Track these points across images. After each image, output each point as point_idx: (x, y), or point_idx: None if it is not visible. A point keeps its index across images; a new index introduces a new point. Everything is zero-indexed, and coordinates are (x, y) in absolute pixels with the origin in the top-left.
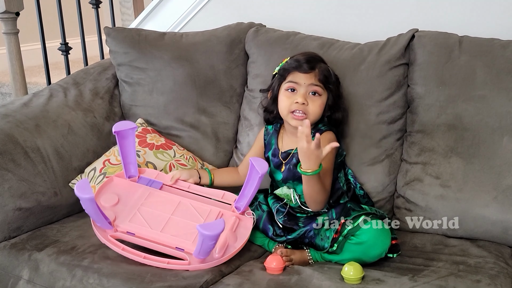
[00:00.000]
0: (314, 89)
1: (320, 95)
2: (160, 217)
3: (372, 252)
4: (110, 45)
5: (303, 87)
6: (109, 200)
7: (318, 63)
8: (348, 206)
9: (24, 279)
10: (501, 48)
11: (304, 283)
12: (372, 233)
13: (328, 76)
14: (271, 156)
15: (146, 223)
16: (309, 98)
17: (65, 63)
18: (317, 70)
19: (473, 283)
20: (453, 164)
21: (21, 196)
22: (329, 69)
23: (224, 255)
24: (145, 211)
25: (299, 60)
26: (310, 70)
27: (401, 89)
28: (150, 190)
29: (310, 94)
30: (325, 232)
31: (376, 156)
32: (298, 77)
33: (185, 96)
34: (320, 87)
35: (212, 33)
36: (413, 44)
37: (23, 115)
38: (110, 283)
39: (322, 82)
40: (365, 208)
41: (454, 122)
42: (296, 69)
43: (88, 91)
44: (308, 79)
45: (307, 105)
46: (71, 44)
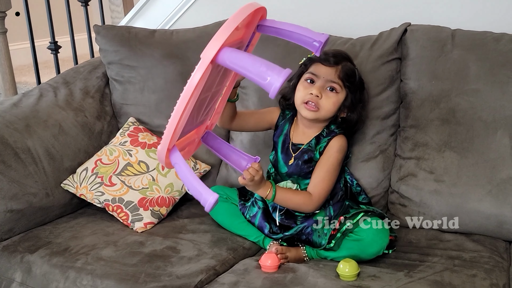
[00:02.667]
0: (332, 85)
1: (337, 92)
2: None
3: (370, 249)
4: (100, 43)
5: (321, 80)
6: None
7: (345, 61)
8: (346, 204)
9: (17, 282)
10: (494, 41)
11: (300, 280)
12: (371, 231)
13: (351, 76)
14: (281, 142)
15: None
16: (324, 92)
17: (54, 62)
18: (340, 67)
19: (469, 278)
20: (447, 158)
21: (12, 198)
22: (355, 70)
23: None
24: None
25: (326, 53)
26: (333, 65)
27: (394, 84)
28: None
29: (327, 89)
30: (322, 229)
31: (370, 152)
32: (319, 69)
33: (176, 94)
34: (338, 84)
35: (203, 30)
36: (405, 38)
37: (13, 116)
38: (104, 284)
39: (342, 80)
40: (362, 207)
41: (448, 117)
42: (320, 61)
43: (79, 90)
44: (329, 74)
45: (320, 98)
46: (60, 43)
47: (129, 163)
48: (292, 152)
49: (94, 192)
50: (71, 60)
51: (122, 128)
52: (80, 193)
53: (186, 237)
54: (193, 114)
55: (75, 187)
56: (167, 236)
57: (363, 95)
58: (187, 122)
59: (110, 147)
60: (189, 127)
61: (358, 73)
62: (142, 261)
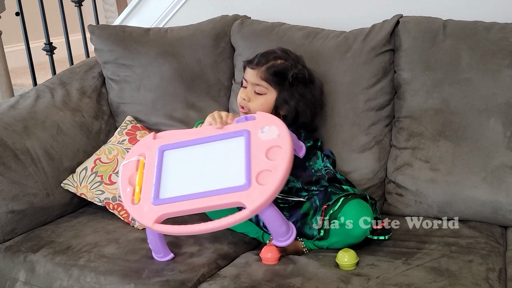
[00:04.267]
0: (256, 88)
1: (263, 93)
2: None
3: (355, 232)
4: (95, 43)
5: (249, 84)
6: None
7: (271, 60)
8: (329, 191)
9: (21, 281)
10: (484, 31)
11: (300, 271)
12: (353, 213)
13: (278, 74)
14: None
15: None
16: (253, 95)
17: (50, 63)
18: (264, 68)
19: (466, 263)
20: (441, 147)
21: (13, 199)
22: (285, 67)
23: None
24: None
25: (255, 55)
26: (256, 67)
27: (387, 75)
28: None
29: (254, 92)
30: (311, 221)
31: (365, 143)
32: (247, 73)
33: (172, 91)
34: (263, 86)
35: (197, 27)
36: (398, 30)
37: (10, 118)
38: (108, 280)
39: (267, 80)
40: (346, 189)
41: (441, 106)
42: (247, 63)
43: (75, 91)
44: (253, 77)
45: (248, 101)
46: (55, 44)
47: None
48: None
49: (94, 191)
50: (66, 61)
51: (120, 127)
52: (80, 192)
53: None
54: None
55: (75, 187)
56: None
57: (307, 89)
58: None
59: (109, 146)
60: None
61: (296, 68)
62: (145, 257)
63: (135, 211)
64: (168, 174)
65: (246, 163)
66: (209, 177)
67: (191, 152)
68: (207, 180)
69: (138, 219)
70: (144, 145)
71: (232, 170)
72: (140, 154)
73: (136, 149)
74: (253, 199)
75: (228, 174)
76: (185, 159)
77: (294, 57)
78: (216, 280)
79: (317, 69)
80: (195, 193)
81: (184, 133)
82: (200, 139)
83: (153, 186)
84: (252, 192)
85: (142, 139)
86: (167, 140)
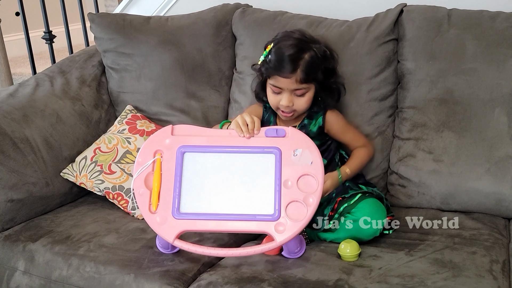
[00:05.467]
0: (298, 92)
1: (305, 94)
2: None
3: (366, 231)
4: (95, 31)
5: (287, 91)
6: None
7: (301, 59)
8: (346, 185)
9: (20, 271)
10: (490, 20)
11: (302, 262)
12: (367, 211)
13: (312, 70)
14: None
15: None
16: (294, 98)
17: (49, 52)
18: (298, 71)
19: (469, 255)
20: (445, 138)
21: (12, 188)
22: (313, 58)
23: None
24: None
25: (280, 60)
26: (291, 74)
27: (391, 65)
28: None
29: (295, 95)
30: (322, 211)
31: (368, 134)
32: (280, 82)
33: (173, 81)
34: (303, 88)
35: (198, 16)
36: (401, 19)
37: (9, 106)
38: (107, 270)
39: (306, 81)
40: (362, 188)
41: (445, 97)
42: (277, 73)
43: (75, 79)
44: (291, 84)
45: (293, 105)
46: (55, 33)
47: (128, 150)
48: None
49: (94, 180)
50: (66, 51)
51: (120, 116)
52: (80, 181)
53: None
54: None
55: (75, 176)
56: None
57: (332, 60)
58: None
59: (109, 135)
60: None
61: (318, 51)
62: (145, 247)
63: (154, 222)
64: (189, 183)
65: (276, 189)
66: (235, 197)
67: (215, 160)
68: (233, 201)
69: (158, 232)
70: (161, 140)
71: (261, 194)
72: (156, 150)
73: (152, 144)
74: (281, 232)
75: (256, 199)
76: (208, 166)
77: (305, 38)
78: (217, 271)
79: None
80: (220, 214)
81: (205, 132)
82: (225, 147)
83: (174, 196)
84: (281, 224)
85: (158, 132)
86: (186, 138)
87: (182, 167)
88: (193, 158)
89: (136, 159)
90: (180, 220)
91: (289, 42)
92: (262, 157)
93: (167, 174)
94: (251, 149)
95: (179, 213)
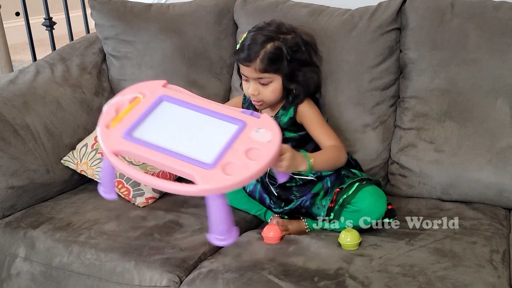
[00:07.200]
0: (260, 81)
1: (268, 83)
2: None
3: (369, 218)
4: (96, 18)
5: (251, 79)
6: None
7: (262, 49)
8: (342, 174)
9: (20, 257)
10: (493, 10)
11: (302, 251)
12: (368, 200)
13: (275, 60)
14: None
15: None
16: (259, 87)
17: (50, 39)
18: (257, 61)
19: (469, 245)
20: (447, 128)
21: (13, 174)
22: (278, 48)
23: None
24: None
25: (242, 49)
26: (250, 63)
27: (393, 54)
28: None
29: (259, 84)
30: (320, 201)
31: (369, 123)
32: (243, 70)
33: (174, 68)
34: (265, 78)
35: (200, 3)
36: (404, 8)
37: (10, 93)
38: (108, 257)
39: (266, 71)
40: (357, 174)
41: (448, 86)
42: (238, 60)
43: (76, 67)
44: (252, 73)
45: (258, 94)
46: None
47: None
48: None
49: (94, 168)
50: (66, 38)
51: None
52: (80, 169)
53: (188, 211)
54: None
55: (76, 163)
56: (169, 210)
57: (305, 53)
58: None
59: None
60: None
61: (287, 42)
62: (145, 234)
63: (103, 134)
64: (153, 120)
65: (224, 148)
66: (184, 141)
67: (185, 114)
68: (181, 143)
69: (100, 142)
70: (151, 87)
71: (208, 147)
72: (141, 92)
73: (141, 87)
74: (207, 181)
75: (201, 148)
76: (177, 116)
77: (276, 29)
78: (218, 259)
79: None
80: (163, 148)
81: (193, 97)
82: (200, 108)
83: (134, 123)
84: (211, 174)
85: (152, 81)
86: (171, 92)
87: (154, 108)
88: (168, 106)
89: (121, 92)
90: (125, 141)
91: (257, 32)
92: (227, 124)
93: (139, 108)
94: (221, 116)
95: (129, 136)
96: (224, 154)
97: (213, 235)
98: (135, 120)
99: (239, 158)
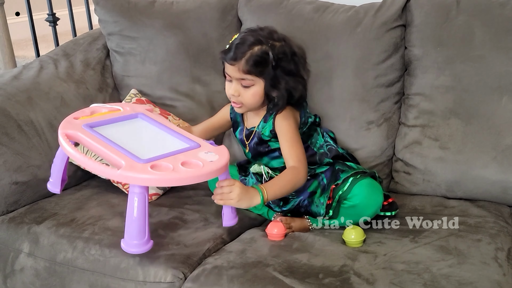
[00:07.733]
0: (242, 82)
1: (250, 86)
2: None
3: (367, 211)
4: (99, 14)
5: (234, 80)
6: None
7: (249, 50)
8: (336, 169)
9: (24, 253)
10: (499, 7)
11: (307, 247)
12: (363, 194)
13: (259, 63)
14: (238, 135)
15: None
16: (241, 89)
17: (53, 34)
18: (242, 61)
19: (474, 242)
20: (452, 125)
21: (17, 170)
22: (264, 52)
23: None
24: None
25: (230, 48)
26: (235, 62)
27: (398, 51)
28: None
29: (241, 86)
30: (318, 199)
31: (374, 120)
32: (227, 69)
33: (178, 65)
34: (247, 79)
35: (204, 0)
36: (410, 5)
37: (14, 88)
38: (112, 253)
39: (250, 73)
40: (352, 166)
41: (453, 84)
42: (224, 58)
43: (79, 62)
44: (235, 72)
45: (238, 95)
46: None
47: None
48: (245, 138)
49: None
50: (69, 34)
51: (124, 100)
52: None
53: (192, 208)
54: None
55: None
56: (173, 207)
57: (291, 63)
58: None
59: None
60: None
61: (275, 49)
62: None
63: (66, 120)
64: (119, 126)
65: (165, 154)
66: (134, 143)
67: (150, 129)
68: (129, 143)
69: (61, 125)
70: (135, 107)
71: (151, 150)
72: (123, 107)
73: (127, 105)
74: (130, 169)
75: (145, 149)
76: (142, 129)
77: (267, 35)
78: (222, 255)
79: (326, 44)
80: (111, 141)
81: (168, 122)
82: (167, 128)
83: (101, 122)
84: (138, 166)
85: (139, 104)
86: (151, 115)
87: (127, 119)
88: (140, 121)
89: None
90: (82, 129)
91: (248, 33)
92: (181, 142)
93: (113, 116)
94: (181, 137)
95: (89, 128)
96: (162, 158)
97: (126, 238)
98: (103, 121)
99: (174, 163)
